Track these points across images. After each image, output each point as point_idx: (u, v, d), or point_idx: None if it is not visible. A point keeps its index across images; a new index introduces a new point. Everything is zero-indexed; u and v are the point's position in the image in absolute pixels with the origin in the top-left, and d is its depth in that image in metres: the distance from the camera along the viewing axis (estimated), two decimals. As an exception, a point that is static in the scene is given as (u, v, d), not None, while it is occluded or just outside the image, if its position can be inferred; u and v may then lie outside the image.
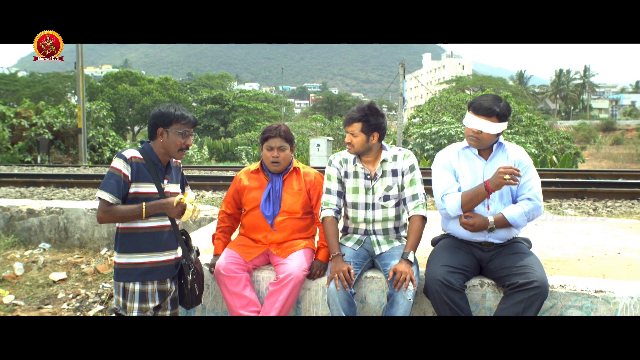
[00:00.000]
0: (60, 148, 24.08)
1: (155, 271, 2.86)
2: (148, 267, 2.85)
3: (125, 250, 2.85)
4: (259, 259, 3.42)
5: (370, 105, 3.25)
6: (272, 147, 3.38)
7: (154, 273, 2.86)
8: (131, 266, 2.84)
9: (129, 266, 2.84)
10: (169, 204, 2.84)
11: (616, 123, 65.31)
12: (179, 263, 3.00)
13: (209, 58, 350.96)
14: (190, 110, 43.57)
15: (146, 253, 2.86)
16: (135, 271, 2.83)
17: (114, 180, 2.76)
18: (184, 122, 2.89)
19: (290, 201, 3.41)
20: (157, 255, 2.89)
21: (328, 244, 3.20)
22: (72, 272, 5.79)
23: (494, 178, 2.93)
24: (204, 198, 9.01)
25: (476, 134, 3.04)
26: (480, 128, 3.00)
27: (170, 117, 2.87)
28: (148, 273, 2.85)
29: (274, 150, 3.37)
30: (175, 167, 3.06)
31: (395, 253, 3.18)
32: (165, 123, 2.87)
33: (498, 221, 2.98)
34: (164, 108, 2.91)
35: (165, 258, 2.92)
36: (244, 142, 34.91)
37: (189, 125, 2.92)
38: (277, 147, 3.38)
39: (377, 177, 3.28)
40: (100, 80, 63.23)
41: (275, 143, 3.38)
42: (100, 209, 2.76)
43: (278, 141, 3.38)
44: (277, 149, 3.37)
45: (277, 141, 3.38)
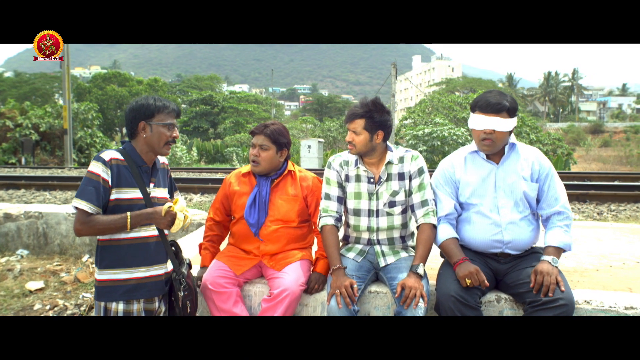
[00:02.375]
0: (46, 149, 23.64)
1: (141, 288, 2.54)
2: (134, 284, 2.53)
3: (107, 266, 2.52)
4: (251, 272, 3.09)
5: (375, 100, 2.94)
6: (255, 145, 3.07)
7: (140, 290, 2.54)
8: (114, 283, 2.51)
9: (111, 283, 2.51)
10: (156, 213, 2.52)
11: (604, 125, 65.83)
12: (169, 279, 2.68)
13: (198, 59, 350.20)
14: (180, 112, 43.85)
15: (131, 268, 2.53)
16: (119, 289, 2.50)
17: (92, 186, 2.43)
18: (167, 111, 2.58)
19: (285, 208, 3.09)
20: (144, 270, 2.56)
21: (328, 255, 2.88)
22: (51, 280, 5.45)
23: (460, 274, 2.61)
24: (192, 201, 8.68)
25: (489, 134, 2.74)
26: (492, 127, 2.71)
27: (151, 109, 2.55)
28: (134, 290, 2.52)
29: (256, 148, 3.06)
30: (162, 170, 2.75)
31: (402, 265, 2.87)
32: (146, 115, 2.55)
33: (557, 253, 2.68)
34: (142, 100, 2.59)
35: (154, 273, 2.60)
36: (234, 143, 34.48)
37: (172, 115, 2.61)
38: (258, 144, 3.05)
39: (381, 180, 2.97)
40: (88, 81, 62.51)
41: (257, 140, 3.06)
42: (78, 220, 2.43)
43: (261, 139, 3.05)
44: (258, 147, 3.05)
45: (259, 139, 3.05)
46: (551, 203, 2.79)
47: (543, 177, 2.80)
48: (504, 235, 2.77)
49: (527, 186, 2.79)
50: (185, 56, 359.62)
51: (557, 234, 2.72)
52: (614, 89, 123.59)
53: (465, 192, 2.88)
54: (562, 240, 2.70)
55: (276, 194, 3.11)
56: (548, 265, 2.58)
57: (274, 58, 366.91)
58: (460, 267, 2.64)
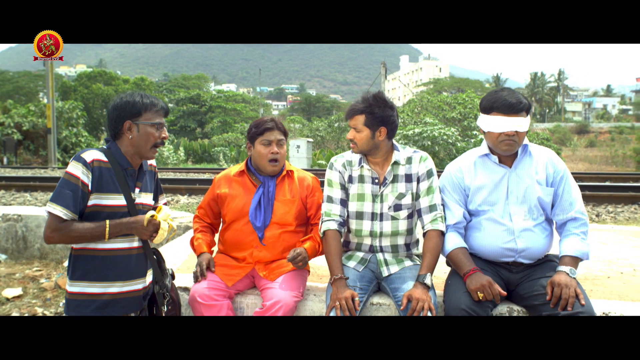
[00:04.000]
0: (30, 149, 23.17)
1: (115, 304, 2.31)
2: (107, 300, 2.30)
3: (80, 277, 2.28)
4: (243, 282, 2.85)
5: (377, 94, 2.72)
6: (271, 141, 2.81)
7: (114, 307, 2.30)
8: (86, 297, 2.28)
9: (83, 297, 2.28)
10: (138, 223, 2.30)
11: (589, 126, 66.35)
12: (147, 293, 2.45)
13: (185, 59, 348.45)
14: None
15: (106, 282, 2.30)
16: (91, 304, 2.27)
17: (70, 190, 2.19)
18: (155, 110, 2.35)
19: (282, 210, 2.85)
20: (120, 284, 2.33)
21: (329, 262, 2.65)
22: (30, 287, 5.18)
23: (472, 287, 2.41)
24: (179, 203, 8.41)
25: (512, 136, 2.54)
26: (516, 128, 2.51)
27: (138, 106, 2.31)
28: (106, 307, 2.29)
29: (273, 144, 2.81)
30: (149, 172, 2.51)
31: (406, 275, 2.66)
32: (132, 114, 2.31)
33: (574, 264, 2.47)
34: (127, 97, 2.34)
35: (130, 288, 2.36)
36: (221, 143, 34.13)
37: (161, 113, 2.38)
38: (276, 141, 2.82)
39: (386, 182, 2.75)
40: (73, 79, 61.71)
41: (274, 136, 2.82)
42: (50, 226, 2.19)
43: (277, 134, 2.83)
44: (276, 144, 2.81)
45: (276, 134, 2.83)
46: (566, 208, 2.60)
47: (558, 180, 2.61)
48: (517, 243, 2.57)
49: (541, 191, 2.60)
50: (173, 55, 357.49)
51: (574, 242, 2.53)
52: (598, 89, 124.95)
53: (475, 199, 2.68)
54: (579, 249, 2.50)
55: (276, 195, 2.88)
56: (565, 276, 2.39)
57: (261, 58, 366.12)
58: (472, 279, 2.44)
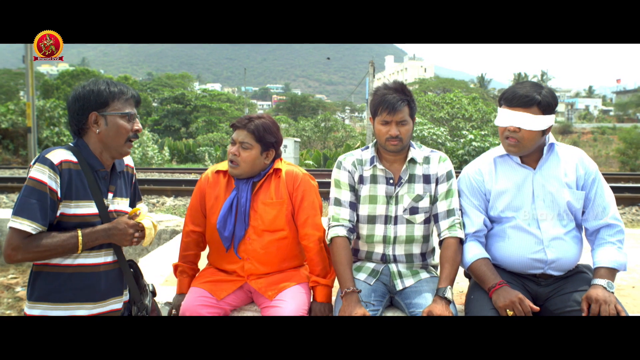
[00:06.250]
0: (9, 148, 22.57)
1: None
2: None
3: (39, 298, 1.93)
4: (237, 297, 2.53)
5: (403, 83, 2.46)
6: (235, 141, 2.49)
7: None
8: None
9: None
10: (116, 229, 1.96)
11: (572, 126, 67.00)
12: (123, 313, 2.12)
13: (169, 58, 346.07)
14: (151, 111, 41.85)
15: (73, 303, 1.95)
16: None
17: (36, 199, 1.84)
18: (124, 98, 2.02)
19: (271, 215, 2.50)
20: (91, 306, 1.98)
21: (338, 274, 2.36)
22: (4, 296, 4.84)
23: (500, 304, 2.16)
24: (165, 205, 8.06)
25: (514, 132, 2.27)
26: (517, 124, 2.25)
27: (104, 96, 1.97)
28: None
29: (236, 145, 2.48)
30: (125, 174, 2.16)
31: (423, 288, 2.38)
32: (98, 104, 1.96)
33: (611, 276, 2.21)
34: (91, 85, 2.00)
35: (104, 309, 2.03)
36: (206, 143, 33.67)
37: (132, 103, 2.05)
38: (239, 141, 2.47)
39: (402, 181, 2.47)
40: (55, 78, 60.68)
41: (238, 136, 2.48)
42: (10, 244, 1.83)
43: (242, 135, 2.47)
44: (238, 145, 2.47)
45: (241, 134, 2.47)
46: (599, 214, 2.34)
47: (589, 183, 2.35)
48: (546, 254, 2.31)
49: (571, 195, 2.34)
50: (157, 54, 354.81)
51: (609, 252, 2.27)
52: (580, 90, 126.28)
53: (497, 204, 2.41)
54: (615, 259, 2.24)
55: (258, 199, 2.52)
56: (603, 291, 2.13)
57: (246, 57, 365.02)
58: (499, 294, 2.17)
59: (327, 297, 2.49)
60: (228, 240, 2.50)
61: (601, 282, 2.17)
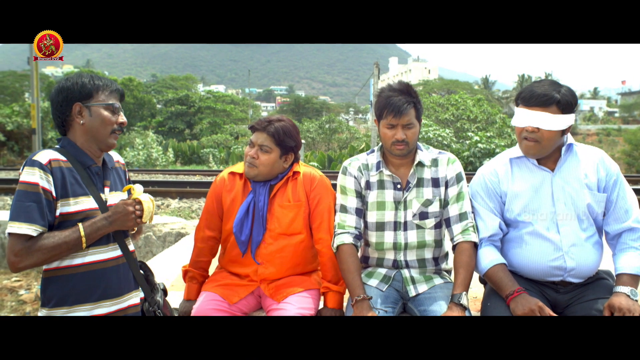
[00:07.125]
0: (14, 150, 22.63)
1: None
2: None
3: (57, 304, 1.91)
4: (248, 302, 2.49)
5: (408, 84, 2.40)
6: (253, 144, 2.45)
7: None
8: None
9: None
10: (116, 213, 1.93)
11: (577, 128, 66.79)
12: (137, 312, 2.10)
13: (173, 60, 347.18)
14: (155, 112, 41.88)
15: (90, 304, 1.93)
16: None
17: (30, 201, 1.81)
18: (108, 90, 2.02)
19: (288, 217, 2.46)
20: (108, 304, 1.97)
21: (347, 282, 2.30)
22: (7, 300, 4.80)
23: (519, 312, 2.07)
24: (170, 208, 8.01)
25: (532, 133, 2.20)
26: (536, 124, 2.18)
27: (88, 87, 1.97)
28: None
29: (254, 147, 2.44)
30: (117, 170, 2.15)
31: (437, 294, 2.31)
32: (82, 95, 1.96)
33: (634, 283, 2.14)
34: (74, 78, 2.00)
35: (123, 305, 2.03)
36: (210, 144, 33.64)
37: (116, 95, 2.05)
38: (258, 144, 2.43)
39: (410, 186, 2.40)
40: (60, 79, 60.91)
41: (258, 139, 2.44)
42: (13, 251, 1.81)
43: (262, 137, 2.43)
44: (257, 148, 2.43)
45: (260, 137, 2.43)
46: (621, 217, 2.26)
47: (611, 184, 2.27)
48: (566, 261, 2.23)
49: (591, 197, 2.25)
50: (161, 56, 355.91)
51: (632, 257, 2.19)
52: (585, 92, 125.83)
53: (513, 207, 2.33)
54: (639, 265, 2.17)
55: (275, 202, 2.48)
56: (626, 299, 2.06)
57: (250, 59, 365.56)
58: (517, 302, 2.10)
59: (338, 303, 2.45)
60: (244, 245, 2.46)
61: (624, 289, 2.10)
